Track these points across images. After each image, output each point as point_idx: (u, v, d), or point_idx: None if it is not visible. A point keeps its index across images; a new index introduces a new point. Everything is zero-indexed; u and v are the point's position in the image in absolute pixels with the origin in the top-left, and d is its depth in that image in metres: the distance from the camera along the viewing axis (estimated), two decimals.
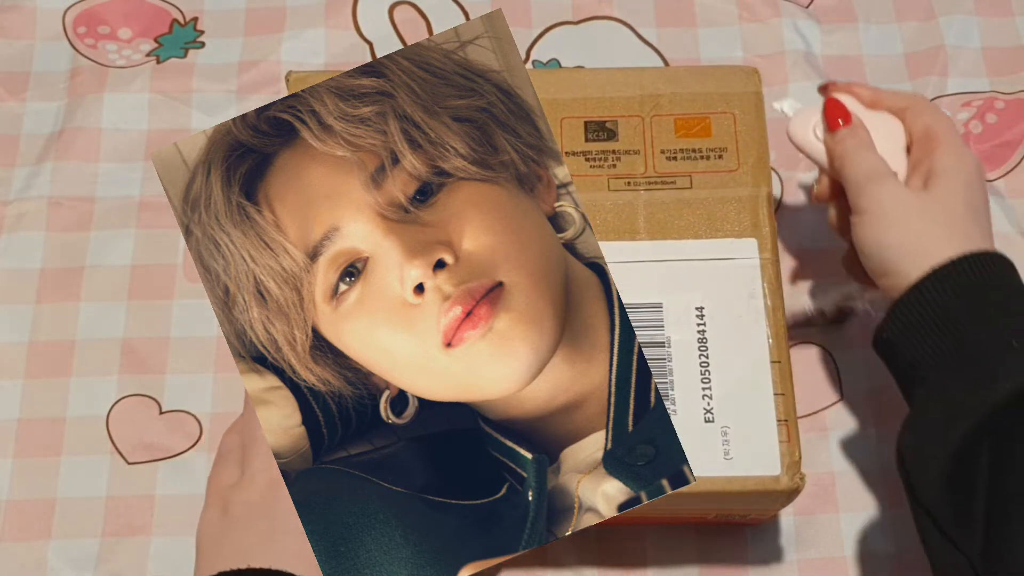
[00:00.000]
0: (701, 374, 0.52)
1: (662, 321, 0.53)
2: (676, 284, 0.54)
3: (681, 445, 0.46)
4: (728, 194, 0.55)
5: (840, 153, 0.56)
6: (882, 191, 0.53)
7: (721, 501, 0.52)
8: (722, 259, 0.54)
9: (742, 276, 0.54)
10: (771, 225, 0.55)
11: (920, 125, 0.56)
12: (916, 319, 0.51)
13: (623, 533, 0.61)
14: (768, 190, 0.55)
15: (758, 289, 0.53)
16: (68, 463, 0.63)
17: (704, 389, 0.52)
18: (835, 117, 0.57)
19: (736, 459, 0.50)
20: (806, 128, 0.58)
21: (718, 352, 0.52)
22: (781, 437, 0.51)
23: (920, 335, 0.51)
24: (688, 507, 0.55)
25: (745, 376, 0.52)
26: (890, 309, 0.52)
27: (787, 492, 0.50)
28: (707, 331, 0.53)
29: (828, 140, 0.57)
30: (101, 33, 0.75)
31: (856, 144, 0.56)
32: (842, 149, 0.56)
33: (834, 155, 0.57)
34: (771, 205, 0.55)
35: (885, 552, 0.61)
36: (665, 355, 0.52)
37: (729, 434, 0.51)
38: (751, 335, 0.53)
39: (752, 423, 0.51)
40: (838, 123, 0.57)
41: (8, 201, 0.70)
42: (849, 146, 0.56)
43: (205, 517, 0.48)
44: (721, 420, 0.51)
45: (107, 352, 0.66)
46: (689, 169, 0.56)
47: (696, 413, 0.51)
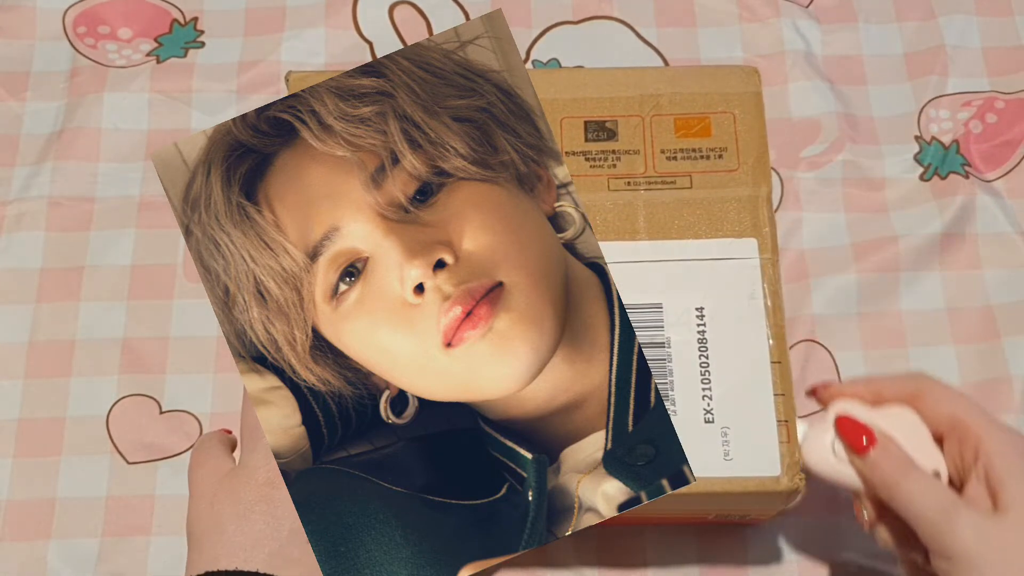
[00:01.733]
0: (701, 374, 0.52)
1: (662, 321, 0.53)
2: (676, 284, 0.54)
3: (681, 445, 0.46)
4: (728, 194, 0.55)
5: (882, 481, 0.48)
6: (966, 532, 0.45)
7: (721, 502, 0.52)
8: (722, 259, 0.54)
9: (742, 276, 0.54)
10: (771, 225, 0.55)
11: (945, 416, 0.49)
12: None
13: (623, 533, 0.61)
14: (768, 190, 0.55)
15: (758, 289, 0.53)
16: (68, 463, 0.63)
17: (704, 389, 0.52)
18: (857, 438, 0.49)
19: (736, 460, 0.50)
20: (824, 453, 0.51)
21: (718, 352, 0.52)
22: (781, 438, 0.51)
23: None
24: (688, 508, 0.55)
25: (745, 377, 0.52)
26: None
27: (787, 492, 0.50)
28: (707, 331, 0.53)
29: (859, 465, 0.50)
30: (101, 33, 0.75)
31: (897, 467, 0.48)
32: (882, 476, 0.48)
33: (876, 485, 0.49)
34: (771, 205, 0.55)
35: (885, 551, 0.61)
36: (665, 355, 0.52)
37: (729, 435, 0.51)
38: (751, 335, 0.53)
39: (752, 424, 0.51)
40: (863, 444, 0.49)
41: (8, 201, 0.70)
42: (889, 471, 0.48)
43: (195, 508, 0.47)
44: (721, 420, 0.51)
45: (107, 352, 0.66)
46: (689, 169, 0.56)
47: (696, 413, 0.51)
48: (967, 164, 0.70)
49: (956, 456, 0.49)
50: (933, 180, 0.70)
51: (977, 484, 0.48)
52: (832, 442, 0.50)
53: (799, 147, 0.71)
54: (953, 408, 0.49)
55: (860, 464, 0.49)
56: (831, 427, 0.51)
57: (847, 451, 0.50)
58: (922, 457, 0.49)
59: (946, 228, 0.68)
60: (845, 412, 0.51)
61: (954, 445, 0.49)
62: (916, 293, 0.67)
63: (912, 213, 0.69)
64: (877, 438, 0.49)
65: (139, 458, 0.64)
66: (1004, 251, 0.68)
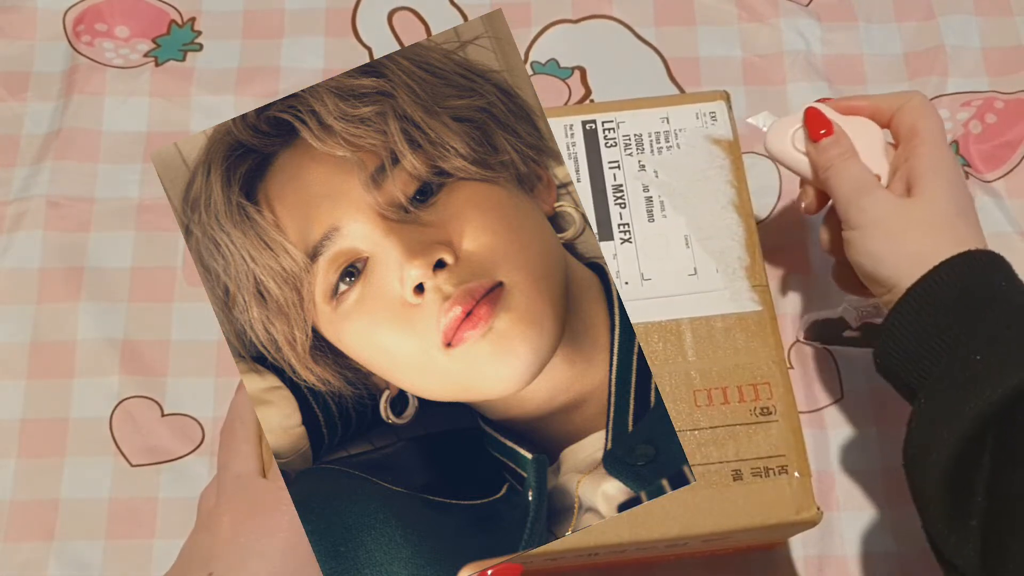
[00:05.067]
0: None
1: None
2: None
3: (681, 445, 0.46)
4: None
5: (825, 164, 0.56)
6: (871, 202, 0.53)
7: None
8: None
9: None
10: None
11: (907, 124, 0.55)
12: (912, 325, 0.51)
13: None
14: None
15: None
16: (71, 464, 0.63)
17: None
18: (817, 127, 0.56)
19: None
20: (784, 140, 0.58)
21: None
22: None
23: (917, 340, 0.50)
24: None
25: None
26: (887, 318, 0.52)
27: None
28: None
29: (811, 150, 0.57)
30: (98, 31, 0.75)
31: (840, 154, 0.55)
32: (827, 160, 0.56)
33: (819, 166, 0.56)
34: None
35: (885, 552, 0.61)
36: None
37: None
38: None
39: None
40: (820, 133, 0.56)
41: (8, 201, 0.70)
42: (834, 156, 0.55)
43: (192, 535, 0.48)
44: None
45: (108, 353, 0.66)
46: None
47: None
48: (967, 165, 0.70)
49: (900, 161, 0.55)
50: None
51: (899, 179, 0.55)
52: (794, 132, 0.57)
53: None
54: (916, 119, 0.55)
55: (811, 149, 0.57)
56: (798, 120, 0.57)
57: (805, 139, 0.57)
58: (869, 160, 0.55)
59: None
60: (818, 108, 0.57)
61: (901, 151, 0.55)
62: None
63: None
64: (834, 131, 0.56)
65: (142, 461, 0.64)
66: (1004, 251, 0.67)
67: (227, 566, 0.44)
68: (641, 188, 0.55)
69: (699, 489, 0.49)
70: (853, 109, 0.57)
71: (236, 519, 0.45)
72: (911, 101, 0.56)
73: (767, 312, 0.53)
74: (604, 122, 0.57)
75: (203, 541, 0.46)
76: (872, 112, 0.57)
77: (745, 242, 0.54)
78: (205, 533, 0.46)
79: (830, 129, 0.56)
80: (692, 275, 0.53)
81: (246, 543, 0.44)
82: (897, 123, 0.56)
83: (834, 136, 0.56)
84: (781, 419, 0.51)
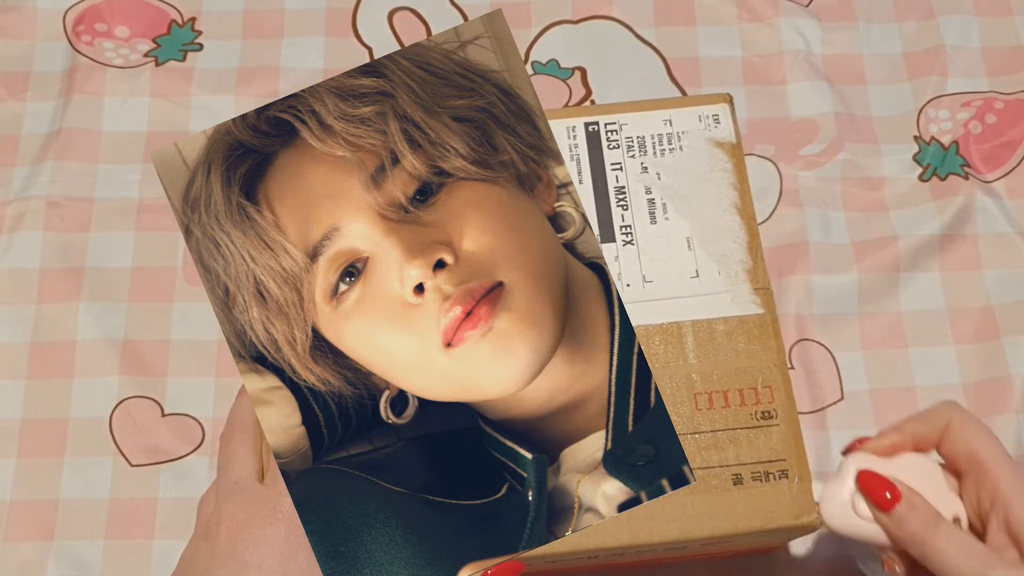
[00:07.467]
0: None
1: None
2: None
3: (681, 445, 0.46)
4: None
5: (912, 538, 0.47)
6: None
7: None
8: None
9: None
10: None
11: (963, 453, 0.49)
12: None
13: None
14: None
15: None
16: (71, 464, 0.63)
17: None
18: (879, 493, 0.48)
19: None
20: (846, 512, 0.49)
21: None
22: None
23: None
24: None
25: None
26: None
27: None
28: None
29: (884, 521, 0.48)
30: (98, 30, 0.75)
31: (925, 522, 0.47)
32: (912, 535, 0.47)
33: (902, 539, 0.48)
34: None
35: None
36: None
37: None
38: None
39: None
40: (887, 500, 0.48)
41: (8, 201, 0.70)
42: (917, 527, 0.47)
43: (191, 542, 0.48)
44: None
45: (108, 353, 0.66)
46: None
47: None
48: (967, 165, 0.70)
49: (973, 497, 0.48)
50: (932, 181, 0.70)
51: (998, 532, 0.47)
52: (851, 498, 0.49)
53: (798, 146, 0.71)
54: (973, 445, 0.48)
55: (886, 520, 0.48)
56: (848, 482, 0.49)
57: (871, 507, 0.48)
58: (942, 504, 0.48)
59: (945, 228, 0.68)
60: (864, 467, 0.49)
61: (971, 485, 0.48)
62: (916, 293, 0.67)
63: (911, 213, 0.69)
64: (902, 492, 0.48)
65: (142, 461, 0.64)
66: (1004, 251, 0.68)
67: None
68: (643, 190, 0.55)
69: (699, 493, 0.49)
70: (896, 448, 0.50)
71: (234, 528, 0.45)
72: (954, 421, 0.49)
73: (769, 315, 0.53)
74: (607, 124, 0.57)
75: (202, 550, 0.46)
76: (916, 444, 0.50)
77: (747, 245, 0.54)
78: (204, 542, 0.46)
79: (896, 493, 0.48)
80: (694, 278, 0.53)
81: (243, 555, 0.44)
82: (950, 451, 0.49)
83: (905, 500, 0.47)
84: (782, 423, 0.51)
